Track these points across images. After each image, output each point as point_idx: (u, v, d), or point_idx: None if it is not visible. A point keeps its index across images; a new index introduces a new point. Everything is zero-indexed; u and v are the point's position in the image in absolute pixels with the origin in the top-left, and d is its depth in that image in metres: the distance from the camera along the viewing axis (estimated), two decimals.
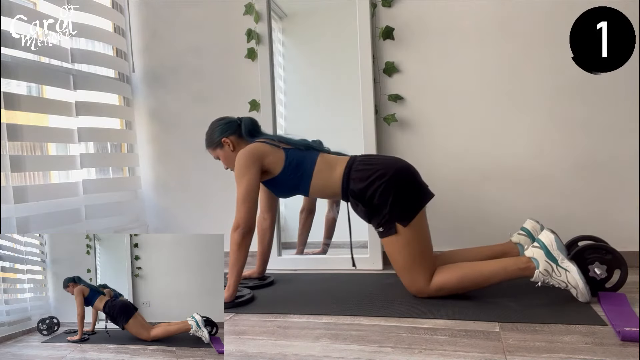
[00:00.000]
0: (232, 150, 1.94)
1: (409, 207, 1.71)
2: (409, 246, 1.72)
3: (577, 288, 1.60)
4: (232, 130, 1.95)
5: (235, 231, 1.75)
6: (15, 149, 2.13)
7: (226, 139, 1.94)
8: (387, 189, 1.70)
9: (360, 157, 1.84)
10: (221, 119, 2.00)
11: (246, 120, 1.98)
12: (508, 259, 1.74)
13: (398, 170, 1.74)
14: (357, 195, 1.76)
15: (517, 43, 2.27)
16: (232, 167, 1.96)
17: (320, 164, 1.83)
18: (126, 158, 2.79)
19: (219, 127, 1.96)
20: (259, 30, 2.52)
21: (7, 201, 1.97)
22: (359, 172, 1.76)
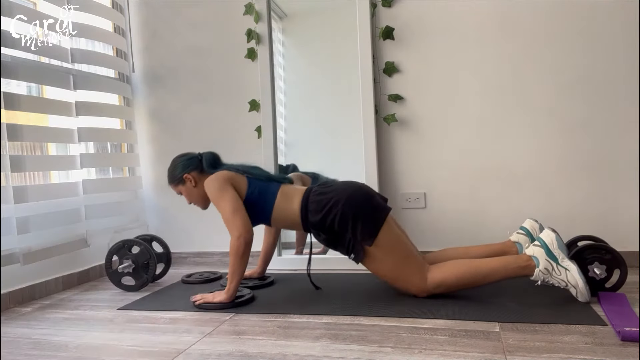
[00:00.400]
0: (194, 186, 1.95)
1: (370, 227, 1.73)
2: (386, 259, 1.74)
3: (577, 287, 1.60)
4: (193, 165, 1.96)
5: (237, 240, 1.74)
6: (15, 149, 2.13)
7: (188, 174, 1.94)
8: (344, 215, 1.73)
9: (316, 187, 1.85)
10: (183, 155, 2.00)
11: (207, 154, 1.99)
12: (508, 257, 1.74)
13: (351, 194, 1.76)
14: (316, 226, 1.80)
15: (517, 43, 2.27)
16: (194, 202, 1.99)
17: (280, 196, 1.85)
18: (126, 158, 2.79)
19: (180, 164, 1.97)
20: (259, 30, 2.52)
21: (7, 201, 1.97)
22: (314, 204, 1.78)
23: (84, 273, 2.39)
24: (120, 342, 1.51)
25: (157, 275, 2.28)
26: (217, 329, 1.58)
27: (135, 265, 2.13)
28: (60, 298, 2.11)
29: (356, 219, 1.73)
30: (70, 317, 1.81)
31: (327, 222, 1.76)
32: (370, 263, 1.77)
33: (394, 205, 2.44)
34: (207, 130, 2.69)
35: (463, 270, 1.72)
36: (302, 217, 1.81)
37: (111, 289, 2.20)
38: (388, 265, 1.75)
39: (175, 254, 2.71)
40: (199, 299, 1.83)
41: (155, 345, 1.47)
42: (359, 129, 2.38)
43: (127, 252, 2.16)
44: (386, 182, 2.45)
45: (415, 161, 2.42)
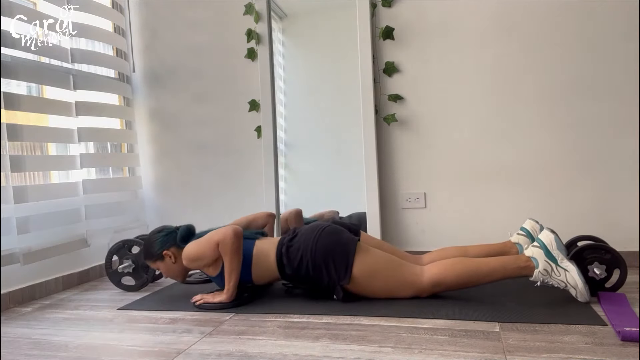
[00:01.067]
0: (173, 262, 1.89)
1: (342, 266, 1.73)
2: (373, 282, 1.74)
3: (576, 288, 1.60)
4: (172, 241, 1.90)
5: (225, 237, 1.74)
6: (15, 149, 2.13)
7: (167, 251, 1.88)
8: (314, 263, 1.74)
9: (286, 239, 1.83)
10: (159, 231, 1.94)
11: (182, 229, 1.94)
12: (508, 257, 1.74)
13: (316, 240, 1.76)
14: (294, 278, 1.82)
15: (517, 43, 2.27)
16: (172, 276, 1.94)
17: (256, 253, 1.84)
18: (126, 158, 2.79)
19: (158, 240, 1.90)
20: (259, 30, 2.52)
21: (7, 201, 1.97)
22: (286, 257, 1.79)
23: (84, 273, 2.39)
24: (120, 342, 1.51)
25: (157, 275, 2.28)
26: (217, 329, 1.58)
27: (135, 265, 2.13)
28: (60, 298, 2.11)
29: (327, 261, 1.74)
30: (70, 317, 1.81)
31: (302, 273, 1.78)
32: (359, 293, 1.77)
33: (394, 205, 2.44)
34: (207, 130, 2.69)
35: (462, 269, 1.72)
36: (282, 274, 1.83)
37: (111, 289, 2.20)
38: (377, 287, 1.75)
39: None
40: (199, 299, 1.83)
41: (155, 345, 1.47)
42: (359, 129, 2.38)
43: (127, 252, 2.16)
44: (386, 182, 2.45)
45: (415, 161, 2.42)
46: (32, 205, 2.09)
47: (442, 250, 1.97)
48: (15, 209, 2.00)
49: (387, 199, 2.44)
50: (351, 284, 1.74)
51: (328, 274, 1.75)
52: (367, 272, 1.73)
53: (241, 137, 2.63)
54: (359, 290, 1.76)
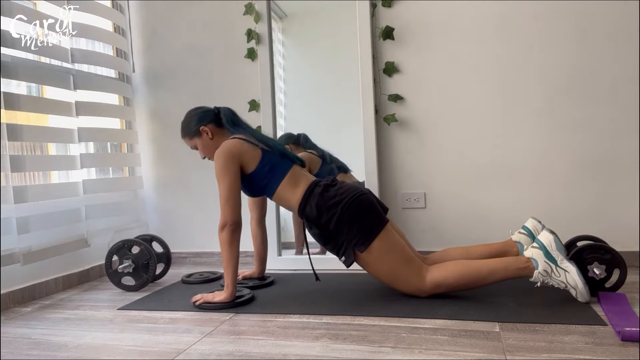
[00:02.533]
0: (210, 138, 1.92)
1: (365, 234, 1.73)
2: (381, 263, 1.74)
3: (576, 288, 1.61)
4: (209, 118, 1.93)
5: (222, 230, 1.76)
6: (15, 149, 2.13)
7: (204, 127, 1.92)
8: (342, 217, 1.73)
9: (323, 182, 1.83)
10: (197, 108, 1.98)
11: (224, 109, 1.97)
12: (508, 259, 1.74)
13: (353, 199, 1.75)
14: (310, 219, 1.79)
15: (517, 42, 2.27)
16: (209, 155, 1.95)
17: (288, 178, 1.84)
18: (126, 158, 2.79)
19: (196, 116, 1.94)
20: (259, 30, 2.52)
21: (7, 201, 1.97)
22: (316, 198, 1.78)
23: (84, 273, 2.39)
24: (120, 342, 1.51)
25: (157, 275, 2.28)
26: (217, 329, 1.58)
27: (135, 265, 2.13)
28: (60, 298, 2.11)
29: (353, 224, 1.73)
30: (70, 317, 1.81)
31: (323, 220, 1.76)
32: (364, 265, 1.77)
33: (394, 205, 2.44)
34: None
35: (463, 270, 1.72)
36: (300, 206, 1.80)
37: (111, 289, 2.20)
38: (384, 268, 1.75)
39: (175, 254, 2.71)
40: (199, 299, 1.83)
41: (155, 345, 1.47)
42: (359, 129, 2.38)
43: (127, 252, 2.16)
44: (386, 182, 2.45)
45: (415, 161, 2.42)
46: (32, 205, 2.09)
47: (445, 250, 1.97)
48: (15, 209, 2.00)
49: (387, 199, 2.44)
50: (363, 255, 1.73)
51: (349, 234, 1.73)
52: (383, 251, 1.73)
53: None
54: (365, 265, 1.76)
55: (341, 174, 2.39)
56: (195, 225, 2.74)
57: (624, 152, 2.18)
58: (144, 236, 2.36)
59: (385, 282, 1.78)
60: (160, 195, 2.81)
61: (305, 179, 1.86)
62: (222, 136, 1.93)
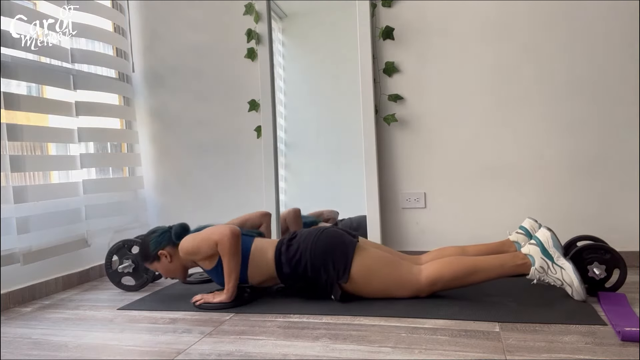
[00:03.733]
0: (169, 261, 1.90)
1: (341, 265, 1.73)
2: (370, 281, 1.74)
3: (572, 286, 1.61)
4: (166, 240, 1.91)
5: (223, 238, 1.75)
6: (15, 149, 2.13)
7: (162, 250, 1.89)
8: (313, 261, 1.75)
9: (286, 239, 1.85)
10: (152, 232, 1.94)
11: (176, 227, 1.95)
12: (505, 255, 1.74)
13: (313, 242, 1.78)
14: (290, 277, 1.81)
15: (517, 43, 2.27)
16: (172, 276, 1.95)
17: (254, 251, 1.85)
18: (126, 158, 2.79)
19: (152, 241, 1.90)
20: (259, 30, 2.52)
21: (7, 201, 1.97)
22: (285, 256, 1.80)
23: (84, 273, 2.39)
24: (120, 342, 1.51)
25: (157, 275, 2.28)
26: (217, 329, 1.58)
27: (135, 265, 2.13)
28: (60, 298, 2.11)
29: (326, 261, 1.74)
30: (70, 317, 1.81)
31: (300, 272, 1.78)
32: (357, 292, 1.77)
33: (394, 205, 2.44)
34: (207, 130, 2.69)
35: (459, 267, 1.72)
36: (278, 272, 1.83)
37: (111, 289, 2.20)
38: (375, 286, 1.75)
39: None
40: (199, 299, 1.83)
41: (155, 345, 1.47)
42: (359, 129, 2.38)
43: (127, 252, 2.16)
44: (386, 182, 2.45)
45: (415, 161, 2.42)
46: (32, 205, 2.09)
47: (440, 249, 1.96)
48: (15, 209, 2.00)
49: (387, 199, 2.44)
50: (349, 284, 1.74)
51: (326, 272, 1.75)
52: (365, 271, 1.73)
53: (241, 137, 2.63)
54: (356, 291, 1.76)
55: None
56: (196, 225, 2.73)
57: (624, 152, 2.18)
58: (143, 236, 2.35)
59: (381, 296, 1.77)
60: (160, 195, 2.81)
61: (270, 245, 1.87)
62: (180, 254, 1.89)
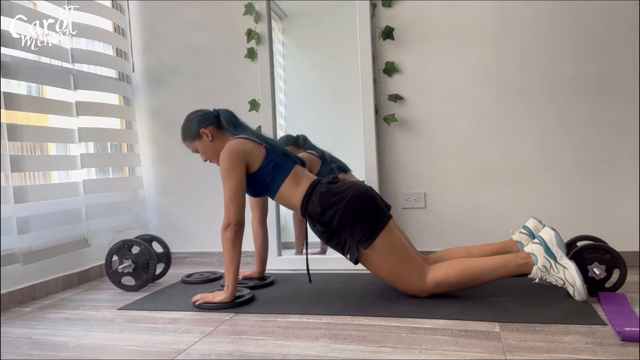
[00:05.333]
0: (210, 140, 1.91)
1: (368, 231, 1.72)
2: (384, 261, 1.74)
3: (574, 286, 1.61)
4: (209, 120, 1.92)
5: (226, 230, 1.76)
6: (15, 149, 2.13)
7: (204, 129, 1.91)
8: (345, 214, 1.73)
9: (324, 180, 1.84)
10: (196, 111, 1.97)
11: (224, 111, 1.97)
12: (507, 255, 1.75)
13: (355, 195, 1.75)
14: (313, 217, 1.79)
15: (517, 42, 2.27)
16: (211, 158, 1.95)
17: (291, 177, 1.84)
18: (126, 158, 2.79)
19: (196, 119, 1.93)
20: (259, 30, 2.52)
21: (7, 201, 1.97)
22: (318, 196, 1.78)
23: (84, 273, 2.39)
24: (120, 342, 1.51)
25: (157, 275, 2.28)
26: (217, 329, 1.58)
27: (135, 265, 2.13)
28: (60, 298, 2.11)
29: (356, 220, 1.73)
30: (70, 317, 1.81)
31: (326, 217, 1.76)
32: (367, 263, 1.77)
33: (394, 205, 2.44)
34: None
35: (463, 268, 1.72)
36: (303, 205, 1.81)
37: (111, 289, 2.20)
38: (386, 267, 1.75)
39: (175, 254, 2.71)
40: (199, 299, 1.83)
41: (155, 345, 1.47)
42: (359, 129, 2.38)
43: (127, 252, 2.16)
44: (386, 182, 2.45)
45: (415, 161, 2.42)
46: (32, 205, 2.09)
47: (446, 250, 1.97)
48: (15, 209, 2.00)
49: (387, 199, 2.44)
50: (367, 252, 1.73)
51: (352, 231, 1.73)
52: (386, 248, 1.72)
53: None
54: (368, 262, 1.76)
55: (341, 174, 2.39)
56: (195, 225, 2.74)
57: (624, 152, 2.18)
58: (144, 236, 2.36)
59: (386, 280, 1.78)
60: (160, 195, 2.81)
61: (307, 178, 1.86)
62: (223, 138, 1.93)
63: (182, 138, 1.98)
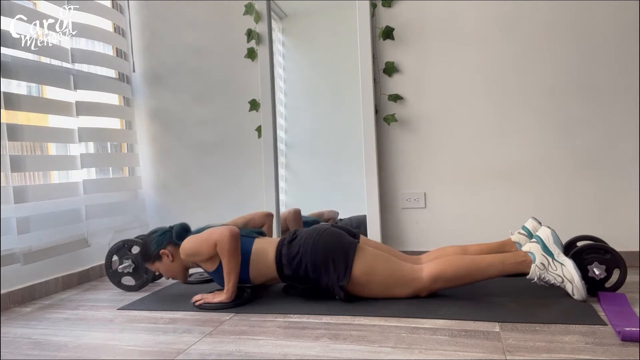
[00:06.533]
0: (171, 261, 1.90)
1: (342, 267, 1.73)
2: (372, 281, 1.74)
3: (572, 282, 1.61)
4: (167, 239, 1.91)
5: (223, 238, 1.75)
6: (15, 149, 2.13)
7: (164, 250, 1.89)
8: (313, 264, 1.75)
9: (287, 240, 1.84)
10: (153, 232, 1.95)
11: (177, 227, 1.95)
12: (505, 254, 1.76)
13: (313, 243, 1.77)
14: (292, 279, 1.82)
15: (517, 43, 2.27)
16: (173, 276, 1.94)
17: (255, 252, 1.84)
18: (126, 158, 2.79)
19: (154, 241, 1.90)
20: (259, 30, 2.52)
21: (7, 201, 1.97)
22: (286, 257, 1.80)
23: (84, 273, 2.39)
24: (120, 342, 1.51)
25: (157, 275, 2.28)
26: (217, 329, 1.58)
27: (135, 265, 2.13)
28: (60, 298, 2.11)
29: (325, 263, 1.74)
30: (70, 317, 1.81)
31: (301, 273, 1.78)
32: (359, 293, 1.77)
33: (394, 205, 2.44)
34: (207, 130, 2.69)
35: (460, 264, 1.72)
36: (279, 272, 1.83)
37: (111, 289, 2.20)
38: (376, 287, 1.75)
39: None
40: (199, 299, 1.83)
41: (155, 345, 1.47)
42: (359, 129, 2.38)
43: (127, 252, 2.16)
44: (386, 182, 2.45)
45: (415, 161, 2.42)
46: (32, 205, 2.09)
47: (441, 249, 1.96)
48: (15, 209, 2.00)
49: (387, 199, 2.44)
50: (350, 285, 1.74)
51: (327, 274, 1.75)
52: (366, 272, 1.73)
53: (241, 137, 2.63)
54: (358, 291, 1.76)
55: None
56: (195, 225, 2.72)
57: (623, 152, 2.18)
58: (144, 236, 2.35)
59: (383, 296, 1.77)
60: (160, 195, 2.81)
61: (270, 245, 1.86)
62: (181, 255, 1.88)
63: (142, 260, 1.97)
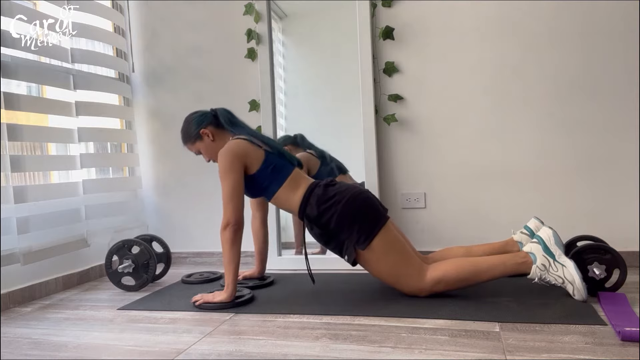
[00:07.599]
0: (212, 140, 1.92)
1: (365, 232, 1.73)
2: (382, 262, 1.74)
3: (573, 284, 1.61)
4: (208, 120, 1.93)
5: (225, 229, 1.76)
6: (15, 149, 2.13)
7: (204, 129, 1.91)
8: (342, 215, 1.74)
9: (323, 182, 1.84)
10: (194, 112, 1.97)
11: (221, 110, 1.97)
12: (506, 254, 1.76)
13: (353, 197, 1.76)
14: (311, 219, 1.80)
15: (517, 43, 2.27)
16: (214, 157, 1.95)
17: (290, 179, 1.85)
18: (126, 158, 2.79)
19: (194, 120, 1.94)
20: (259, 30, 2.52)
21: (7, 201, 1.97)
22: (315, 198, 1.79)
23: (84, 273, 2.39)
24: (120, 342, 1.51)
25: (157, 275, 2.28)
26: (217, 329, 1.58)
27: (135, 265, 2.13)
28: (60, 298, 2.11)
29: (353, 221, 1.73)
30: (70, 317, 1.81)
31: (324, 220, 1.76)
32: (365, 264, 1.78)
33: (394, 205, 2.44)
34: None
35: (462, 266, 1.72)
36: (301, 208, 1.81)
37: (111, 289, 2.20)
38: (384, 267, 1.75)
39: (175, 254, 2.71)
40: (199, 299, 1.83)
41: (155, 345, 1.47)
42: (359, 129, 2.38)
43: (127, 252, 2.16)
44: (386, 182, 2.45)
45: (415, 161, 2.42)
46: (32, 205, 2.09)
47: (446, 249, 1.97)
48: (15, 209, 2.00)
49: (387, 199, 2.44)
50: (364, 253, 1.74)
51: (350, 232, 1.74)
52: (384, 249, 1.73)
53: None
54: (366, 264, 1.76)
55: (340, 175, 2.39)
56: (195, 225, 2.74)
57: (624, 152, 2.18)
58: (143, 236, 2.36)
59: (385, 281, 1.78)
60: (159, 195, 2.81)
61: (305, 180, 1.87)
62: (223, 137, 1.94)
63: (183, 141, 1.98)
